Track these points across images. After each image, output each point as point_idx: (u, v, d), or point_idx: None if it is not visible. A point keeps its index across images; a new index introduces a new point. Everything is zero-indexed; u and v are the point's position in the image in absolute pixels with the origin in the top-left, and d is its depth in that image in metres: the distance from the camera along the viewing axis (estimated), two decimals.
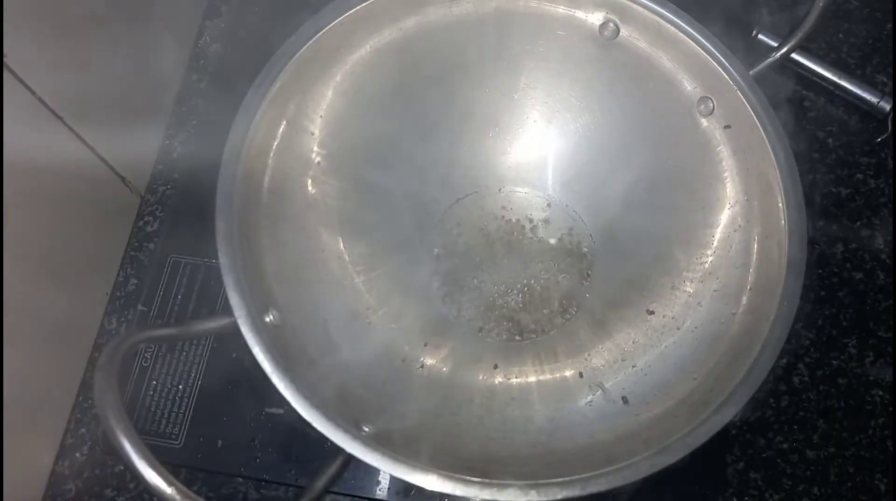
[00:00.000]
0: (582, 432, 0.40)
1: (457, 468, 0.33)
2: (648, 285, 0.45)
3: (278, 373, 0.33)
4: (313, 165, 0.43)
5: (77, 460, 0.47)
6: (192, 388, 0.48)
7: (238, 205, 0.37)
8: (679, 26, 0.41)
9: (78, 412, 0.48)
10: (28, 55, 0.39)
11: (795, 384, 0.48)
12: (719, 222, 0.42)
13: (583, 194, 0.49)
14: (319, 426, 0.32)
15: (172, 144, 0.55)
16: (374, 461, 0.32)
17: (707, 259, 0.42)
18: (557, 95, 0.47)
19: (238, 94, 0.39)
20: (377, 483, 0.46)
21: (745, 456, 0.47)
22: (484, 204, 0.49)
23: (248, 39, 0.58)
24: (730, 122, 0.41)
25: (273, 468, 0.46)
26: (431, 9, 0.43)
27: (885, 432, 0.47)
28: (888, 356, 0.49)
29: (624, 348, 0.43)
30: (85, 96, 0.45)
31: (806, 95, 0.56)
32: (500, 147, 0.49)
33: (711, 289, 0.41)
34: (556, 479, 0.32)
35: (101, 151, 0.47)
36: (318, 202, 0.44)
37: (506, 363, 0.45)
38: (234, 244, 0.36)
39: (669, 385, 0.39)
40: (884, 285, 0.50)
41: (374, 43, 0.43)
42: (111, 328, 0.50)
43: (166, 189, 0.54)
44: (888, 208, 0.52)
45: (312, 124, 0.43)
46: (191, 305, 0.50)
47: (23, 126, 0.39)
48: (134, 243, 0.52)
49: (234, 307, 0.34)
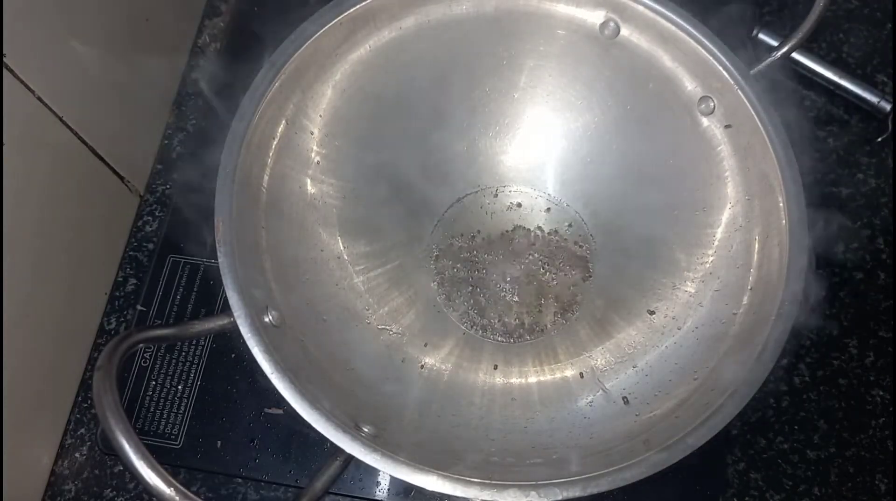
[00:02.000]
0: (582, 432, 0.40)
1: (457, 468, 0.33)
2: (649, 284, 0.44)
3: (278, 373, 0.33)
4: (312, 165, 0.43)
5: (76, 460, 0.47)
6: (192, 388, 0.47)
7: (237, 205, 0.37)
8: (680, 25, 0.41)
9: (77, 412, 0.48)
10: (28, 55, 0.39)
11: (796, 385, 0.48)
12: (720, 221, 0.42)
13: (583, 193, 0.48)
14: (319, 427, 0.32)
15: (171, 143, 0.55)
16: (374, 461, 0.32)
17: (708, 259, 0.42)
18: (558, 94, 0.47)
19: (237, 93, 0.39)
20: (377, 483, 0.45)
21: (746, 457, 0.46)
22: (484, 204, 0.49)
23: (247, 39, 0.58)
24: (730, 121, 0.41)
25: (272, 468, 0.46)
26: (431, 8, 0.43)
27: (886, 432, 0.47)
28: (888, 356, 0.49)
29: (624, 348, 0.43)
30: (85, 96, 0.45)
31: (806, 95, 0.56)
32: (500, 147, 0.49)
33: (712, 289, 0.41)
34: (557, 480, 0.32)
35: (100, 151, 0.47)
36: (317, 202, 0.44)
37: (506, 363, 0.45)
38: (233, 244, 0.36)
39: (670, 385, 0.39)
40: (884, 285, 0.50)
41: (374, 42, 0.43)
42: (110, 328, 0.50)
43: (165, 189, 0.54)
44: (888, 208, 0.52)
45: (312, 124, 0.43)
46: (190, 305, 0.50)
47: (23, 126, 0.39)
48: (133, 243, 0.52)
49: (233, 307, 0.34)
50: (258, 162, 0.40)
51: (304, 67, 0.41)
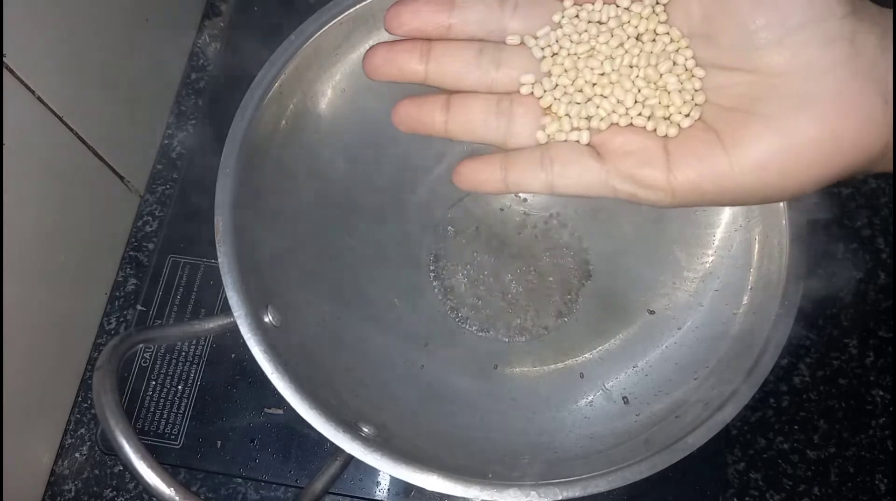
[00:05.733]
0: (582, 432, 0.40)
1: (457, 468, 0.33)
2: (649, 284, 0.44)
3: (278, 373, 0.33)
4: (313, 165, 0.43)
5: (76, 460, 0.47)
6: (192, 388, 0.47)
7: (237, 204, 0.37)
8: None
9: (77, 412, 0.48)
10: (28, 55, 0.39)
11: (796, 384, 0.48)
12: (720, 221, 0.42)
13: None
14: (319, 427, 0.32)
15: (172, 143, 0.55)
16: (374, 461, 0.32)
17: (708, 259, 0.42)
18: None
19: (237, 93, 0.39)
20: (377, 483, 0.45)
21: (746, 456, 0.47)
22: (484, 204, 0.49)
23: (247, 38, 0.58)
24: None
25: (272, 468, 0.46)
26: None
27: (886, 432, 0.47)
28: (888, 356, 0.49)
29: (624, 348, 0.43)
30: (85, 96, 0.45)
31: None
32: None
33: (712, 289, 0.41)
34: (557, 480, 0.32)
35: (100, 151, 0.47)
36: (317, 202, 0.44)
37: (506, 363, 0.45)
38: (233, 244, 0.36)
39: (670, 385, 0.39)
40: (884, 285, 0.50)
41: (374, 42, 0.43)
42: (110, 328, 0.50)
43: (165, 189, 0.54)
44: (888, 208, 0.52)
45: (312, 124, 0.43)
46: (190, 305, 0.50)
47: (23, 126, 0.39)
48: (133, 243, 0.52)
49: (233, 307, 0.34)
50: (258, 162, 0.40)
51: (304, 67, 0.41)
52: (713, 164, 0.22)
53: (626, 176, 0.24)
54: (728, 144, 0.22)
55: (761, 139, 0.22)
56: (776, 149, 0.22)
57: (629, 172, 0.24)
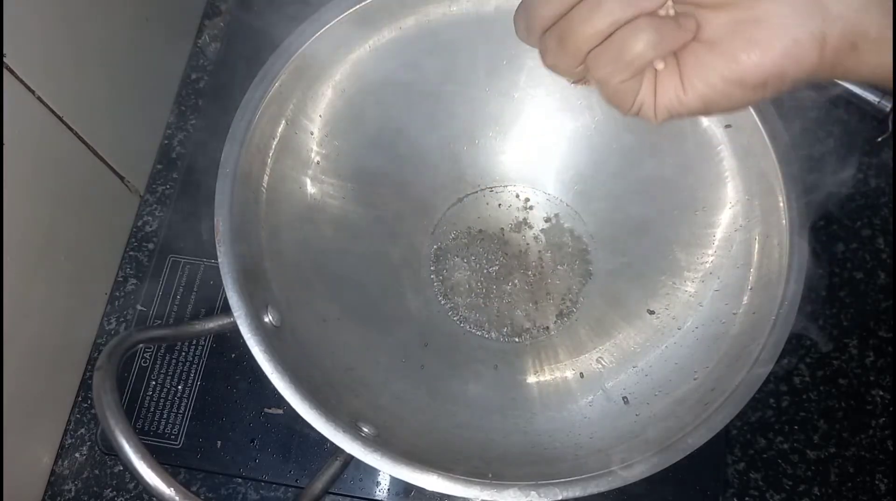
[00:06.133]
0: (582, 432, 0.40)
1: (457, 468, 0.33)
2: (649, 284, 0.44)
3: (278, 373, 0.33)
4: (312, 165, 0.43)
5: (76, 460, 0.47)
6: (192, 388, 0.47)
7: (237, 204, 0.37)
8: None
9: (77, 412, 0.48)
10: (28, 55, 0.39)
11: (796, 385, 0.48)
12: (720, 221, 0.42)
13: (583, 193, 0.48)
14: (319, 427, 0.32)
15: (171, 143, 0.55)
16: (374, 461, 0.32)
17: (708, 259, 0.42)
18: (558, 94, 0.47)
19: (237, 93, 0.39)
20: (377, 483, 0.45)
21: (746, 456, 0.47)
22: (484, 204, 0.49)
23: (247, 39, 0.58)
24: (730, 121, 0.41)
25: (272, 468, 0.46)
26: (431, 8, 0.43)
27: (886, 432, 0.47)
28: (888, 356, 0.49)
29: (624, 348, 0.43)
30: (85, 96, 0.45)
31: (806, 95, 0.56)
32: (500, 147, 0.49)
33: (712, 289, 0.41)
34: (557, 479, 0.32)
35: (100, 151, 0.47)
36: (317, 202, 0.44)
37: (506, 363, 0.45)
38: (233, 244, 0.36)
39: (670, 385, 0.39)
40: (884, 285, 0.50)
41: (374, 42, 0.43)
42: (110, 328, 0.50)
43: (165, 189, 0.54)
44: (888, 207, 0.52)
45: (312, 124, 0.43)
46: (190, 305, 0.50)
47: (23, 126, 0.39)
48: (133, 243, 0.52)
49: (233, 307, 0.34)
50: (258, 162, 0.40)
51: (304, 67, 0.41)
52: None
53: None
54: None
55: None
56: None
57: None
